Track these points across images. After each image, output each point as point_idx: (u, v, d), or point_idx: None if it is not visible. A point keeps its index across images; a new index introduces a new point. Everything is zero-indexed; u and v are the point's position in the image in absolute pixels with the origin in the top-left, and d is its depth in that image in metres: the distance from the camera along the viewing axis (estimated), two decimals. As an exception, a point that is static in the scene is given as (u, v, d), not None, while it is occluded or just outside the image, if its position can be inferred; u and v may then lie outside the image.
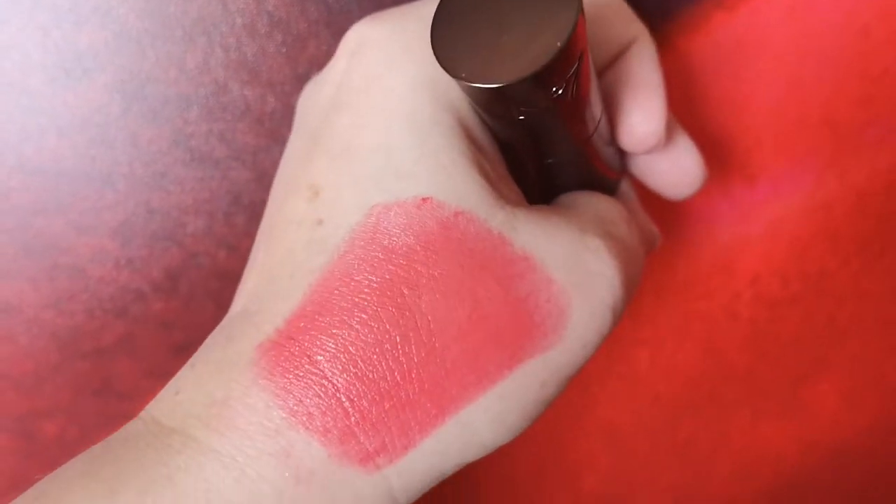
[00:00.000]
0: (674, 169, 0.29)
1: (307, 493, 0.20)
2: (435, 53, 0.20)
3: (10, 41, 0.29)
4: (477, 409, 0.21)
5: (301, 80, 0.31)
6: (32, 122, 0.30)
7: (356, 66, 0.23)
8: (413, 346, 0.21)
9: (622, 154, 0.29)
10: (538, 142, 0.24)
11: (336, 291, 0.21)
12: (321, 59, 0.31)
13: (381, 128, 0.22)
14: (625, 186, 0.30)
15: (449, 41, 0.20)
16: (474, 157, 0.22)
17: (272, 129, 0.32)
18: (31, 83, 0.30)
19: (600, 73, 0.27)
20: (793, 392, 0.41)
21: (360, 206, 0.22)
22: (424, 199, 0.21)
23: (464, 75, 0.19)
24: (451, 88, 0.22)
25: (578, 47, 0.19)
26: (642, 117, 0.26)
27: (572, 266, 0.22)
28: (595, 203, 0.26)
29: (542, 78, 0.19)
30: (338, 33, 0.31)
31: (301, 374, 0.21)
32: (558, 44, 0.18)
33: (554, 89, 0.20)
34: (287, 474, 0.20)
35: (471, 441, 0.21)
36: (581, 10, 0.19)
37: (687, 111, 0.34)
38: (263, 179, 0.32)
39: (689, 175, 0.29)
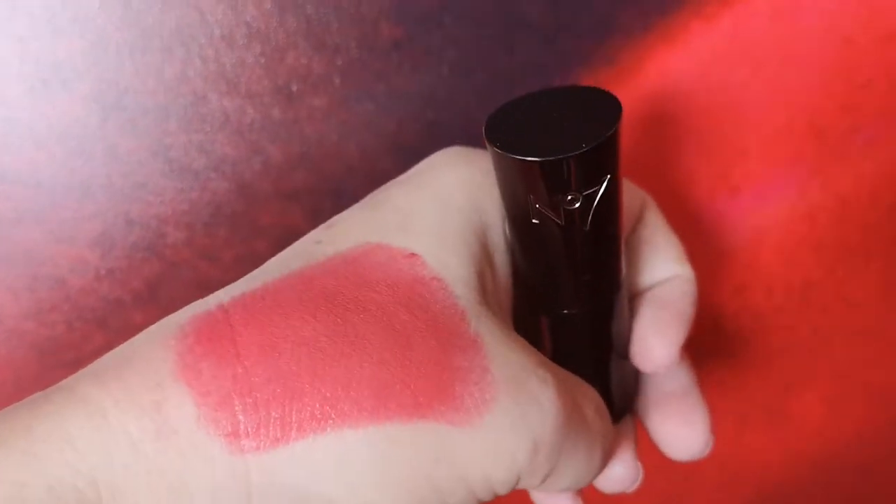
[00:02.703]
0: (680, 425, 0.29)
1: (162, 452, 0.20)
2: (485, 128, 0.22)
3: (-11, 51, 0.29)
4: (362, 438, 0.20)
5: (280, 90, 0.31)
6: (11, 132, 0.30)
7: (429, 158, 0.26)
8: (329, 351, 0.21)
9: (633, 385, 0.30)
10: (552, 276, 0.25)
11: (293, 287, 0.22)
12: (300, 71, 0.31)
13: (411, 196, 0.24)
14: (627, 422, 0.30)
15: (500, 126, 0.22)
16: (477, 256, 0.24)
17: (251, 140, 0.32)
18: (9, 93, 0.30)
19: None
20: (778, 401, 0.41)
21: (357, 240, 0.23)
22: (413, 255, 0.23)
23: (497, 144, 0.22)
24: (489, 201, 0.25)
25: (602, 169, 0.22)
26: (659, 337, 0.27)
27: (514, 376, 0.22)
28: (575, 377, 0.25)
29: (555, 169, 0.21)
30: (316, 44, 0.31)
31: (213, 338, 0.21)
32: (583, 145, 0.21)
33: (569, 196, 0.22)
34: (150, 427, 0.20)
35: (345, 475, 0.20)
36: (614, 139, 0.22)
37: (668, 122, 0.34)
38: (243, 190, 0.32)
39: (691, 435, 0.29)
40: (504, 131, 0.22)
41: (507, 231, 0.25)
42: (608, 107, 0.22)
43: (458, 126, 0.33)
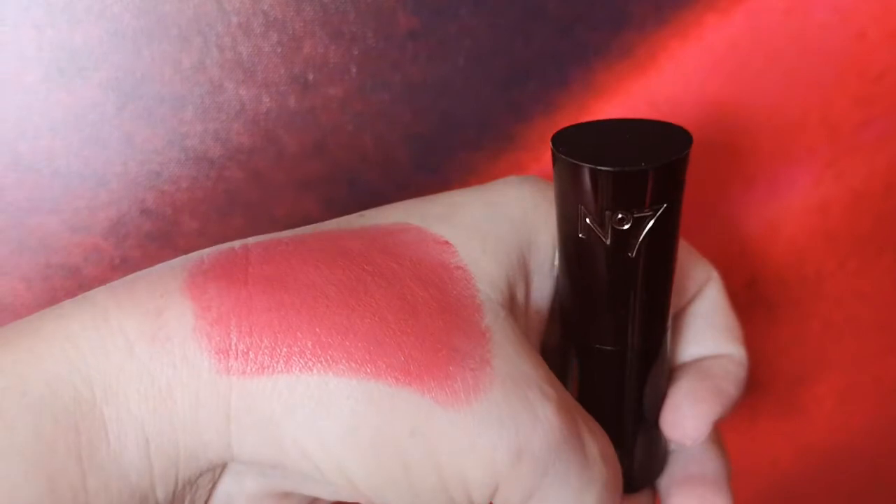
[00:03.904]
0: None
1: (155, 356, 0.20)
2: (553, 136, 0.23)
3: (5, 39, 0.29)
4: (344, 388, 0.20)
5: (297, 79, 0.31)
6: (27, 120, 0.30)
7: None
8: (335, 298, 0.21)
9: (660, 458, 0.29)
10: (589, 302, 0.24)
11: (318, 241, 0.22)
12: (317, 60, 0.31)
13: (466, 195, 0.25)
14: (647, 495, 0.29)
15: (568, 138, 0.23)
16: (514, 266, 0.24)
17: (267, 129, 0.32)
18: (26, 81, 0.30)
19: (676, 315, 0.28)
20: (790, 393, 0.41)
21: (397, 220, 0.24)
22: (446, 242, 0.23)
23: (560, 149, 0.22)
24: (542, 222, 0.25)
25: (659, 195, 0.21)
26: (693, 407, 0.26)
27: (515, 378, 0.21)
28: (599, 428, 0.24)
29: (609, 180, 0.21)
30: (333, 33, 0.31)
31: (227, 266, 0.21)
32: (643, 164, 0.21)
33: (619, 215, 0.21)
34: (146, 331, 0.20)
35: (320, 421, 0.20)
36: (677, 168, 0.22)
37: (682, 114, 0.34)
38: (258, 180, 0.32)
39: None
40: (570, 142, 0.22)
41: (556, 256, 0.25)
42: (679, 139, 0.22)
43: (473, 116, 0.33)
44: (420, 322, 0.21)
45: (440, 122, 0.33)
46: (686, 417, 0.26)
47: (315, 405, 0.20)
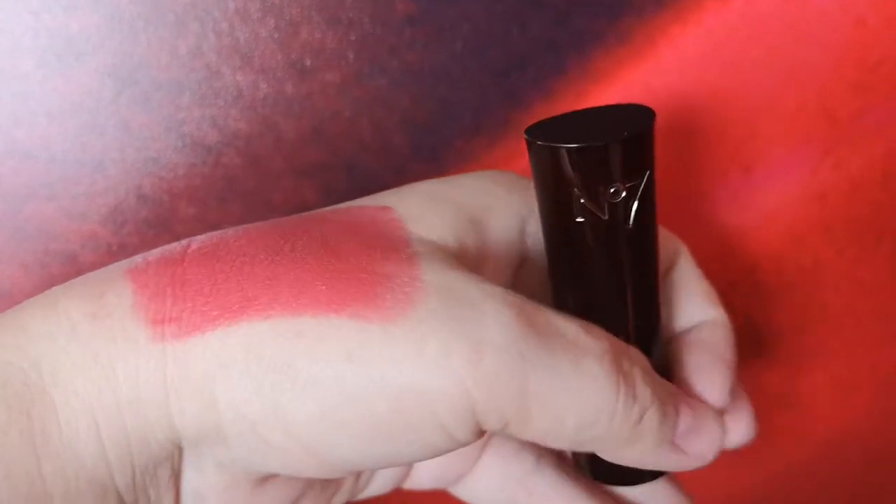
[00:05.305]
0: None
1: (96, 333, 0.20)
2: (526, 131, 0.23)
3: (0, 25, 0.29)
4: (269, 329, 0.20)
5: (294, 65, 0.31)
6: (23, 107, 0.30)
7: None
8: (261, 260, 0.21)
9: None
10: (594, 281, 0.24)
11: (258, 226, 0.23)
12: (314, 45, 0.31)
13: (429, 181, 0.26)
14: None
15: (541, 131, 0.23)
16: (462, 223, 0.24)
17: (265, 115, 0.31)
18: (22, 68, 0.30)
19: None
20: (787, 383, 0.41)
21: (350, 205, 0.25)
22: (386, 207, 0.24)
23: (539, 140, 0.22)
24: (506, 195, 0.25)
25: (643, 162, 0.23)
26: (710, 387, 0.26)
27: (451, 286, 0.20)
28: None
29: (600, 156, 0.22)
30: (330, 19, 0.31)
31: (167, 252, 0.22)
32: (624, 133, 0.22)
33: (612, 189, 0.22)
34: (88, 311, 0.21)
35: (252, 367, 0.20)
36: (652, 134, 0.23)
37: (680, 101, 0.34)
38: (256, 166, 0.32)
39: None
40: (546, 134, 0.23)
41: (546, 247, 0.25)
42: (642, 114, 0.23)
43: (471, 103, 0.33)
44: (342, 259, 0.21)
45: (438, 108, 0.33)
46: (703, 394, 0.26)
47: (246, 353, 0.20)
